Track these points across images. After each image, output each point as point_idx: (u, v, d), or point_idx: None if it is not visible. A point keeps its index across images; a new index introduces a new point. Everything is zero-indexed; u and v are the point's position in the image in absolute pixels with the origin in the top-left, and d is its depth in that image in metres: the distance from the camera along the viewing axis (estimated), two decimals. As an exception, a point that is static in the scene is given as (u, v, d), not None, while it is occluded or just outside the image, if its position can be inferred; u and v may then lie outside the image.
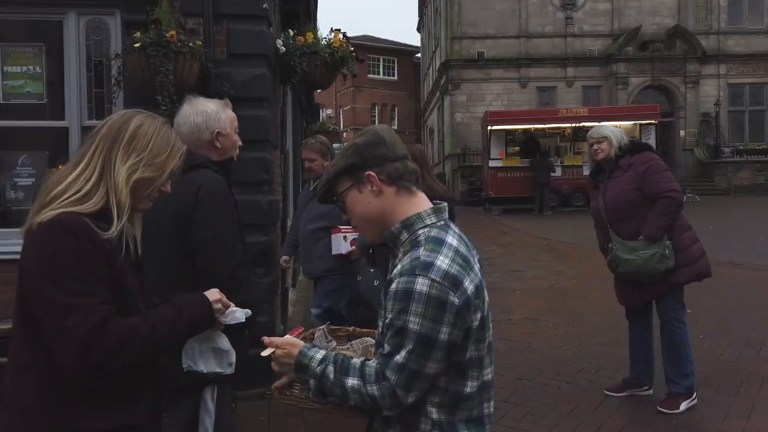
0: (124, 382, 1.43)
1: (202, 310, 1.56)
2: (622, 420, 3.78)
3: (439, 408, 1.41)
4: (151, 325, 1.40)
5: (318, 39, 5.04)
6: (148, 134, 1.49)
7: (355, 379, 1.38)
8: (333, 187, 1.51)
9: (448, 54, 27.26)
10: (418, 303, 1.32)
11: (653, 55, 25.92)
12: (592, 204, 4.22)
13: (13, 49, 4.47)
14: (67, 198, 1.39)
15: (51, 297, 1.31)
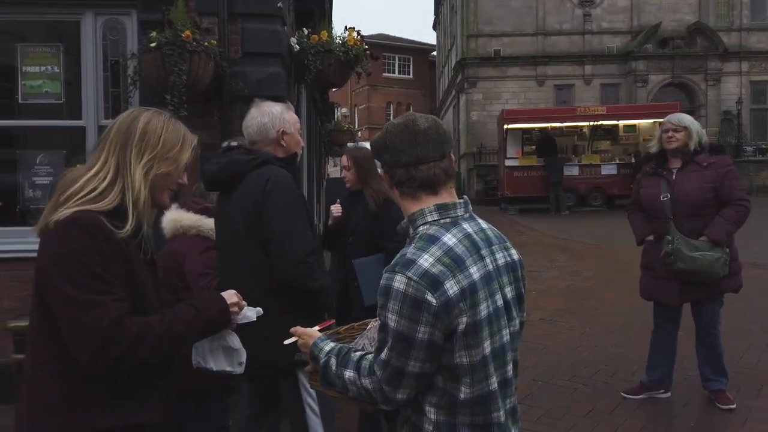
0: (136, 381, 1.43)
1: (218, 311, 1.57)
2: (639, 422, 3.72)
3: (438, 409, 1.40)
4: (167, 324, 1.41)
5: (332, 37, 5.04)
6: (157, 130, 1.51)
7: (352, 371, 1.43)
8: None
9: (464, 52, 27.13)
10: (395, 300, 1.32)
11: (673, 53, 25.56)
12: (647, 191, 3.91)
13: (31, 49, 4.54)
14: (82, 197, 1.40)
15: (68, 294, 1.32)
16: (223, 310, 1.58)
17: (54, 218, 1.38)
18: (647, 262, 4.00)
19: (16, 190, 4.61)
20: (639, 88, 25.61)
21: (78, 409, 1.37)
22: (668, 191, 3.76)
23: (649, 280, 3.98)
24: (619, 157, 19.35)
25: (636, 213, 4.09)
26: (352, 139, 13.99)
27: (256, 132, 2.45)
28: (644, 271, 4.04)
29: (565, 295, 7.56)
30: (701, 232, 3.67)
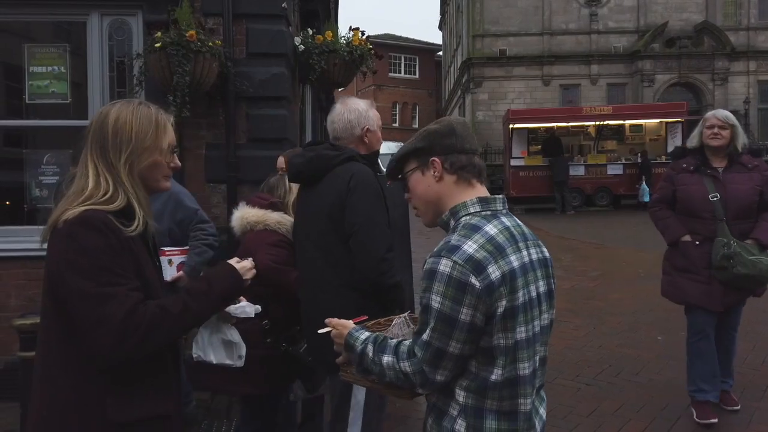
0: (152, 374, 1.47)
1: (231, 280, 1.57)
2: (643, 423, 3.71)
3: (467, 392, 1.45)
4: (182, 302, 1.43)
5: (337, 38, 5.05)
6: (127, 123, 1.49)
7: (390, 356, 1.47)
8: (401, 165, 1.62)
9: (469, 52, 27.09)
10: (440, 282, 1.39)
11: (680, 52, 25.42)
12: (689, 189, 3.59)
13: (38, 49, 4.57)
14: (95, 200, 1.43)
15: (82, 290, 1.34)
16: (236, 278, 1.58)
17: (63, 218, 1.40)
18: (685, 264, 3.64)
19: (23, 189, 4.64)
20: (645, 87, 25.50)
21: (93, 406, 1.39)
22: (717, 191, 3.51)
23: (687, 283, 3.64)
24: (625, 157, 19.29)
25: (665, 211, 3.78)
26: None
27: (342, 129, 2.52)
28: (679, 274, 3.70)
29: (570, 295, 7.55)
30: (746, 236, 3.47)
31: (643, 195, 17.68)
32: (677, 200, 3.70)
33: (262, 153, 4.50)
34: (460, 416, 1.46)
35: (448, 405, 1.48)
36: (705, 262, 3.54)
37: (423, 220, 1.64)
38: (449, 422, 1.47)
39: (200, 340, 1.73)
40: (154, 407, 1.46)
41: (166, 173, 1.58)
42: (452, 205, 1.54)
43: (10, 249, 4.32)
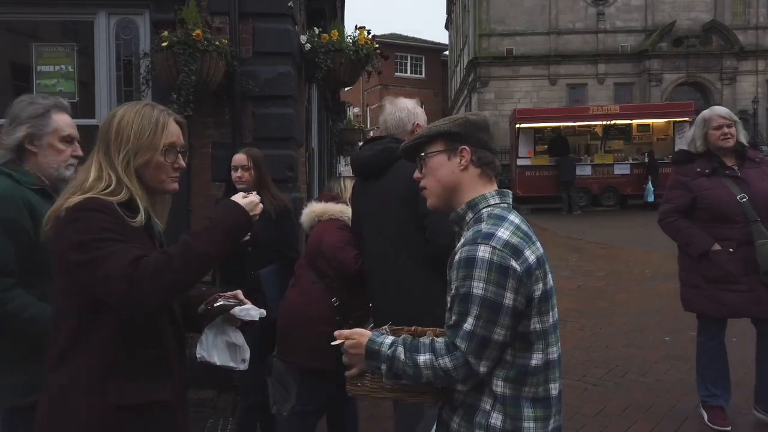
0: (152, 361, 1.51)
1: (235, 213, 1.51)
2: (650, 423, 3.69)
3: (505, 382, 1.44)
4: (184, 244, 1.42)
5: (343, 37, 5.04)
6: (128, 124, 1.53)
7: (427, 354, 1.43)
8: (426, 143, 1.58)
9: (476, 51, 27.07)
10: (481, 269, 1.39)
11: (688, 51, 25.33)
12: (715, 193, 3.38)
13: (46, 48, 4.59)
14: (97, 191, 1.47)
15: (86, 259, 1.37)
16: (241, 212, 1.52)
17: (64, 206, 1.44)
18: (720, 274, 3.38)
19: (31, 187, 4.67)
20: (653, 87, 25.39)
21: (97, 389, 1.44)
22: (742, 191, 3.33)
23: (727, 294, 3.38)
24: (633, 157, 19.21)
25: (682, 221, 3.52)
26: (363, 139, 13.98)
27: (395, 126, 2.73)
28: (714, 286, 3.42)
29: (577, 295, 7.52)
30: None
31: (648, 195, 17.62)
32: (700, 208, 3.46)
33: (268, 152, 4.46)
34: (495, 409, 1.45)
35: (479, 400, 1.46)
36: (744, 269, 3.31)
37: (430, 201, 1.62)
38: (483, 417, 1.45)
39: (204, 341, 1.73)
40: (152, 393, 1.50)
41: (170, 174, 1.58)
42: (470, 197, 1.55)
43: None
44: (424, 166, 1.60)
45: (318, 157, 8.39)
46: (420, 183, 1.64)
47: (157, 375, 1.52)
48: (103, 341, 1.45)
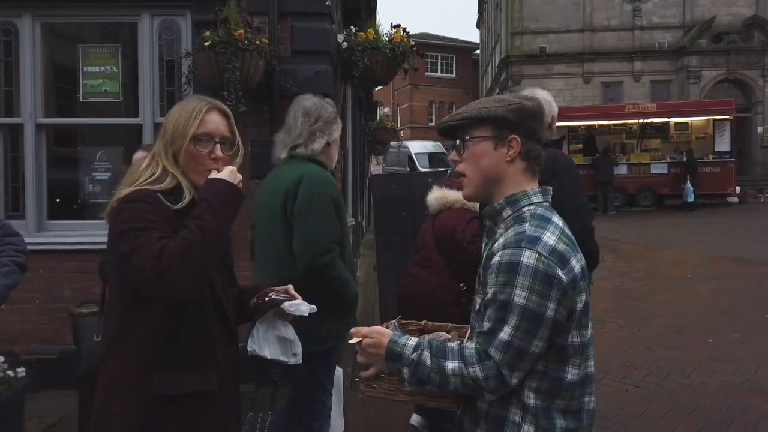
0: (195, 352, 1.55)
1: (223, 187, 1.54)
2: (694, 426, 3.61)
3: (537, 394, 1.35)
4: (196, 228, 1.45)
5: (379, 35, 5.06)
6: (172, 115, 1.63)
7: (455, 361, 1.33)
8: (471, 127, 1.42)
9: (508, 50, 26.81)
10: (525, 276, 1.27)
11: (728, 47, 24.58)
12: None
13: (92, 50, 4.72)
14: (143, 180, 1.57)
15: (125, 248, 1.45)
16: (227, 184, 1.54)
17: (117, 196, 1.55)
18: None
19: (77, 185, 4.81)
20: (691, 84, 24.74)
21: (140, 380, 1.49)
22: None
23: None
24: (670, 156, 18.74)
25: None
26: (395, 138, 13.95)
27: None
28: None
29: (614, 296, 7.38)
30: None
31: (687, 195, 17.18)
32: None
33: (305, 150, 4.54)
34: (526, 420, 1.36)
35: (508, 411, 1.37)
36: None
37: (466, 190, 1.48)
38: (513, 428, 1.37)
39: (255, 335, 1.74)
40: (196, 384, 1.53)
41: (207, 165, 1.60)
42: (511, 191, 1.41)
43: (65, 242, 4.48)
44: (465, 149, 1.43)
45: (351, 157, 8.43)
46: (457, 167, 1.48)
47: (201, 367, 1.55)
48: (147, 334, 1.50)
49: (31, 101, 4.54)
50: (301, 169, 2.51)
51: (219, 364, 1.59)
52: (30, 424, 3.70)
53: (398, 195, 5.03)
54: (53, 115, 4.74)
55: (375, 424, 3.77)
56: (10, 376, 3.08)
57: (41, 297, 4.49)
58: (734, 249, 10.02)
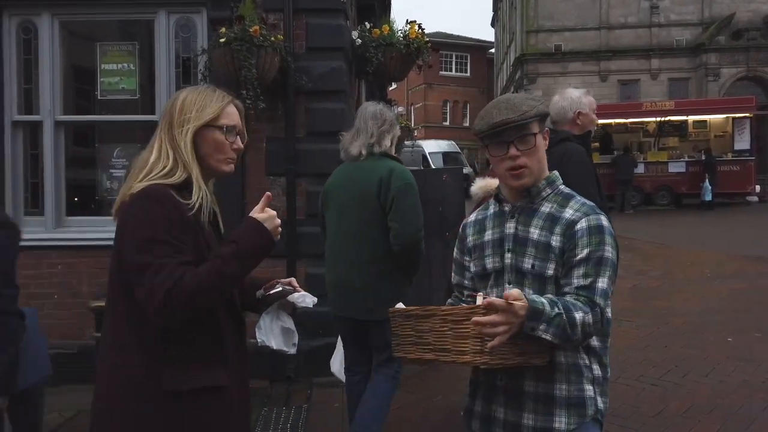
0: (206, 346, 1.53)
1: (258, 235, 1.53)
2: (713, 426, 3.55)
3: (599, 336, 1.61)
4: (216, 270, 1.45)
5: (393, 31, 5.05)
6: (192, 101, 1.59)
7: (580, 312, 1.47)
8: (531, 124, 1.60)
9: (523, 48, 26.66)
10: (609, 236, 1.57)
11: (748, 44, 24.22)
12: None
13: (109, 48, 4.77)
14: (155, 175, 1.52)
15: (140, 258, 1.42)
16: (264, 233, 1.53)
17: (129, 192, 1.51)
18: None
19: (95, 181, 4.86)
20: (710, 82, 24.41)
21: (151, 376, 1.47)
22: None
23: None
24: (688, 154, 18.49)
25: None
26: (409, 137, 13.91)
27: (556, 114, 3.09)
28: None
29: (632, 295, 7.30)
30: None
31: (705, 194, 16.94)
32: None
33: (320, 146, 4.55)
34: (593, 362, 1.60)
35: (579, 357, 1.58)
36: None
37: (526, 180, 1.62)
38: (587, 371, 1.59)
39: (263, 326, 1.76)
40: (207, 378, 1.51)
41: (228, 154, 1.61)
42: (547, 174, 1.68)
43: (83, 238, 4.53)
44: (531, 144, 1.60)
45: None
46: (517, 161, 1.59)
47: (211, 361, 1.53)
48: (155, 329, 1.47)
49: (49, 99, 4.60)
50: (387, 164, 2.91)
51: (229, 359, 1.57)
52: (50, 417, 3.74)
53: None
54: (71, 113, 4.80)
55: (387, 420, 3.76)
56: (30, 368, 3.11)
57: (60, 292, 4.55)
58: (754, 248, 9.85)
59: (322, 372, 4.40)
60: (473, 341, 1.40)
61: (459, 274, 1.80)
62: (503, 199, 1.70)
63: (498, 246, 1.65)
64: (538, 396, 1.56)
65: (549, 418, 1.55)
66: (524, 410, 1.56)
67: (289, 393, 4.20)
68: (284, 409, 3.96)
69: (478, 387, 1.69)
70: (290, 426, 3.69)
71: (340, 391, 4.24)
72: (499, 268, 1.64)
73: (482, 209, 1.80)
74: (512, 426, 1.58)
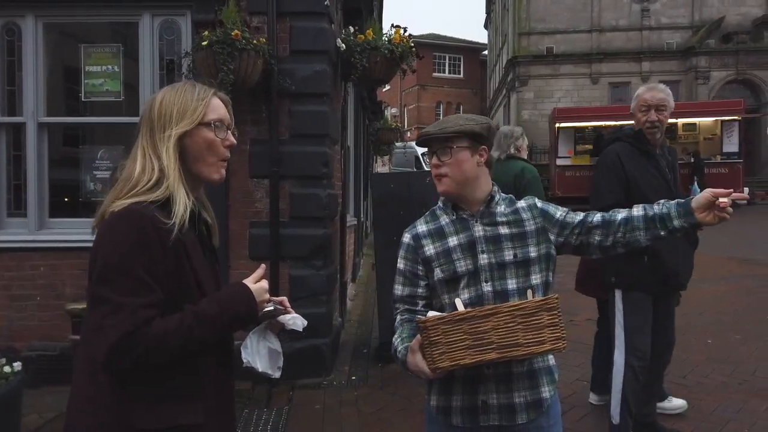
0: (184, 381, 1.40)
1: (246, 308, 1.46)
2: (688, 426, 3.59)
3: None
4: (187, 327, 1.34)
5: (379, 35, 5.07)
6: (171, 102, 1.46)
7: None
8: (453, 138, 1.75)
9: (515, 50, 26.75)
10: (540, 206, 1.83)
11: (738, 48, 24.42)
12: None
13: (93, 50, 4.77)
14: (141, 188, 1.39)
15: (101, 294, 1.30)
16: (251, 306, 1.46)
17: (110, 209, 1.37)
18: None
19: (78, 183, 4.86)
20: (700, 85, 24.59)
21: (122, 407, 1.34)
22: None
23: None
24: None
25: None
26: (400, 138, 13.98)
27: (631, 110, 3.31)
28: None
29: (616, 297, 7.34)
30: None
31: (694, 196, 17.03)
32: None
33: (304, 149, 4.58)
34: None
35: None
36: None
37: (446, 187, 1.77)
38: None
39: (249, 346, 1.65)
40: (178, 417, 1.37)
41: (221, 154, 1.49)
42: (486, 187, 1.82)
43: (67, 240, 4.53)
44: (449, 155, 1.76)
45: (354, 155, 8.45)
46: (439, 170, 1.77)
47: (186, 397, 1.40)
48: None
49: (33, 100, 4.60)
50: (519, 164, 4.22)
51: (208, 392, 1.44)
52: (29, 419, 3.75)
53: (397, 194, 5.05)
54: (55, 114, 4.80)
55: (368, 421, 3.79)
56: (7, 371, 3.12)
57: (42, 294, 4.55)
58: (742, 250, 9.93)
59: (304, 374, 4.44)
60: (550, 330, 1.52)
61: (411, 285, 1.80)
62: (461, 207, 1.81)
63: (468, 249, 1.73)
64: (524, 374, 1.69)
65: (537, 391, 1.71)
66: (514, 390, 1.68)
67: (270, 394, 4.22)
68: (265, 410, 3.97)
69: (453, 383, 1.72)
70: (270, 427, 3.70)
71: (322, 393, 4.28)
72: (472, 269, 1.71)
73: (429, 221, 1.84)
74: (506, 407, 1.69)
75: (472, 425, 1.71)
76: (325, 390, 4.35)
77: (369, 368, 4.86)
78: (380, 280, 5.06)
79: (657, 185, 3.17)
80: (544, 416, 1.72)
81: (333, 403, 4.08)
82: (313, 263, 4.62)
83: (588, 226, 1.77)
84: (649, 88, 3.29)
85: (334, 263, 5.08)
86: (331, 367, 4.70)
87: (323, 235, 4.64)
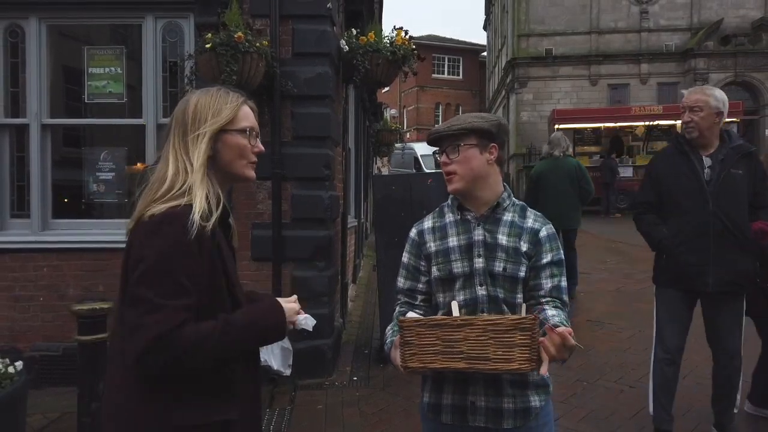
0: (217, 379, 1.43)
1: (275, 323, 1.51)
2: (687, 427, 3.62)
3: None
4: (219, 334, 1.37)
5: (380, 37, 5.10)
6: (206, 105, 1.50)
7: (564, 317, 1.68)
8: (462, 136, 1.74)
9: (514, 52, 26.79)
10: (557, 241, 1.81)
11: (736, 50, 24.46)
12: None
13: (97, 51, 4.80)
14: (176, 191, 1.41)
15: (142, 293, 1.33)
16: (280, 321, 1.51)
17: (149, 212, 1.39)
18: None
19: (81, 185, 4.89)
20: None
21: (158, 406, 1.38)
22: None
23: None
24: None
25: None
26: (400, 140, 14.01)
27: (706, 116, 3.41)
28: None
29: (615, 298, 7.39)
30: None
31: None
32: None
33: (306, 150, 4.61)
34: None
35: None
36: None
37: (456, 185, 1.76)
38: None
39: (267, 347, 1.71)
40: (217, 413, 1.42)
41: (250, 158, 1.54)
42: (496, 187, 1.80)
43: (70, 241, 4.56)
44: (458, 153, 1.75)
45: (355, 157, 8.48)
46: (448, 167, 1.77)
47: (221, 394, 1.44)
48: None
49: (36, 102, 4.62)
50: (573, 160, 6.68)
51: (241, 391, 1.49)
52: (33, 419, 3.77)
53: (398, 196, 5.08)
54: (58, 116, 4.83)
55: (370, 422, 3.81)
56: (11, 372, 3.14)
57: (45, 295, 4.57)
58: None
59: (306, 374, 4.46)
60: (520, 350, 1.47)
61: (412, 279, 1.84)
62: (466, 208, 1.81)
63: (466, 251, 1.74)
64: (515, 381, 1.70)
65: (526, 399, 1.71)
66: (504, 395, 1.70)
67: (272, 395, 4.24)
68: (267, 410, 3.99)
69: (444, 382, 1.75)
70: (273, 428, 3.72)
71: (324, 394, 4.30)
72: (468, 272, 1.72)
73: (435, 217, 1.88)
74: (494, 411, 1.70)
75: (461, 424, 1.73)
76: (327, 390, 4.38)
77: (370, 369, 4.89)
78: (381, 281, 5.08)
79: (688, 186, 3.18)
80: (533, 421, 1.72)
81: (335, 404, 4.11)
82: (316, 264, 4.65)
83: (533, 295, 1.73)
84: (689, 90, 3.43)
85: (335, 264, 5.10)
86: (332, 367, 4.72)
87: (325, 237, 4.67)
